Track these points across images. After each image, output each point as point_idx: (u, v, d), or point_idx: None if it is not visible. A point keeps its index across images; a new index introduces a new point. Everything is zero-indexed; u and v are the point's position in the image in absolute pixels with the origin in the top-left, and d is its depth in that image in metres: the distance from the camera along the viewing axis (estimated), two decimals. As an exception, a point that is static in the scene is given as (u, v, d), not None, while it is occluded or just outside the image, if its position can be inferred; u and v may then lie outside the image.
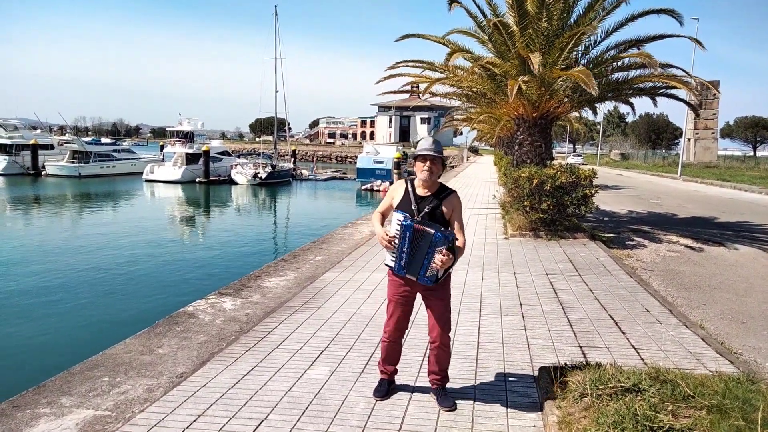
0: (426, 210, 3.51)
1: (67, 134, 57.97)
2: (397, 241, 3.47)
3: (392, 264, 3.56)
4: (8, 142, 44.18)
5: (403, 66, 13.03)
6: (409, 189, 3.61)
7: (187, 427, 3.38)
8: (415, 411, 3.61)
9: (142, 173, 42.21)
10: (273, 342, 4.85)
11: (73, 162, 43.15)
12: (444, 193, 3.60)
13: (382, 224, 3.70)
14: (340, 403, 3.71)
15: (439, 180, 3.66)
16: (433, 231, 3.36)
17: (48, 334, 9.31)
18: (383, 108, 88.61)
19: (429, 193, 3.58)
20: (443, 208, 3.54)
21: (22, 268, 13.77)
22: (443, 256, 3.36)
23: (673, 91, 12.19)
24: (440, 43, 12.23)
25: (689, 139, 48.04)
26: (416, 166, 3.59)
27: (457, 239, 3.48)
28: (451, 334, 3.73)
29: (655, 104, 12.88)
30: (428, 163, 3.52)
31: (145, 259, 15.16)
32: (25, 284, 12.24)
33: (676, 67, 11.65)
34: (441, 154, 3.56)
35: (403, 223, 3.43)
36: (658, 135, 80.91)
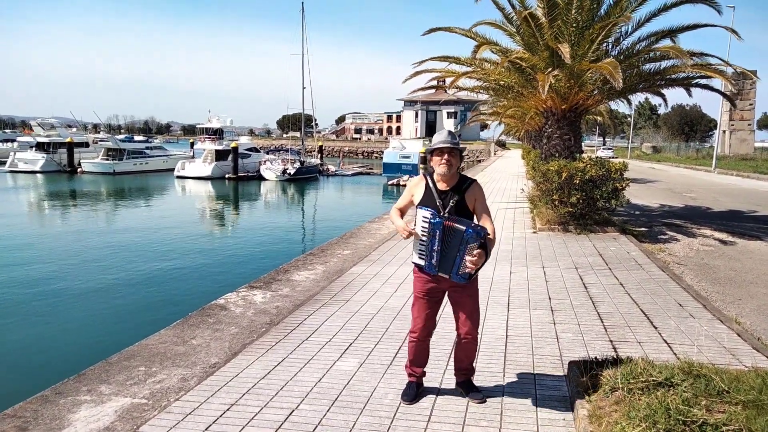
0: (451, 204, 3.42)
1: (101, 132, 59.38)
2: (425, 238, 3.40)
3: (421, 262, 3.49)
4: (46, 140, 45.65)
5: (430, 61, 12.98)
6: (430, 184, 3.51)
7: (220, 416, 3.46)
8: (444, 403, 3.63)
9: (173, 170, 43.07)
10: (302, 334, 4.92)
11: (107, 159, 44.28)
12: (465, 184, 3.50)
13: (402, 219, 3.64)
14: (369, 395, 3.75)
15: (458, 172, 3.57)
16: (464, 228, 3.28)
17: (86, 324, 9.63)
18: (409, 103, 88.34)
19: (449, 187, 3.48)
20: (466, 200, 3.46)
21: (62, 262, 14.23)
22: (474, 257, 3.28)
23: (708, 81, 11.87)
24: (467, 35, 12.13)
25: (724, 131, 46.64)
26: (433, 160, 3.47)
27: (488, 233, 3.37)
28: (479, 329, 3.71)
29: (689, 94, 12.52)
30: (446, 155, 3.41)
31: (177, 253, 15.50)
32: (65, 278, 12.65)
33: (712, 56, 11.34)
34: (458, 146, 3.44)
35: (432, 221, 3.35)
36: (692, 127, 78.72)
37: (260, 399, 3.69)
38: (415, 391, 3.71)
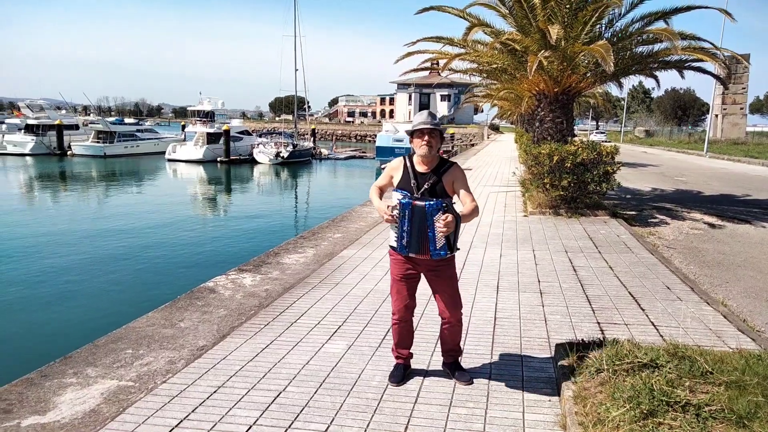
0: (426, 186, 3.40)
1: (91, 114, 58.68)
2: (398, 220, 3.40)
3: (395, 244, 3.49)
4: (35, 122, 45.06)
5: (423, 42, 12.85)
6: (408, 166, 3.48)
7: (207, 398, 3.46)
8: (431, 385, 3.65)
9: (164, 153, 42.72)
10: (291, 317, 4.92)
11: (98, 142, 43.85)
12: (444, 167, 3.48)
13: (381, 198, 3.62)
14: (356, 377, 3.76)
15: (438, 154, 3.53)
16: (424, 203, 3.30)
17: (74, 307, 9.59)
18: (403, 85, 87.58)
19: (428, 169, 3.45)
20: (443, 182, 3.43)
21: (50, 245, 14.13)
22: (443, 220, 3.26)
23: (701, 64, 11.84)
24: (460, 16, 12.00)
25: (716, 115, 46.74)
26: (414, 142, 3.44)
27: (448, 205, 3.35)
28: (467, 311, 3.71)
29: (682, 77, 12.48)
30: (426, 137, 3.38)
31: (167, 237, 15.43)
32: (52, 261, 12.56)
33: (704, 40, 11.30)
34: (438, 126, 3.41)
35: (402, 201, 3.36)
36: (685, 111, 78.80)
37: (248, 381, 3.69)
38: (402, 373, 3.72)
